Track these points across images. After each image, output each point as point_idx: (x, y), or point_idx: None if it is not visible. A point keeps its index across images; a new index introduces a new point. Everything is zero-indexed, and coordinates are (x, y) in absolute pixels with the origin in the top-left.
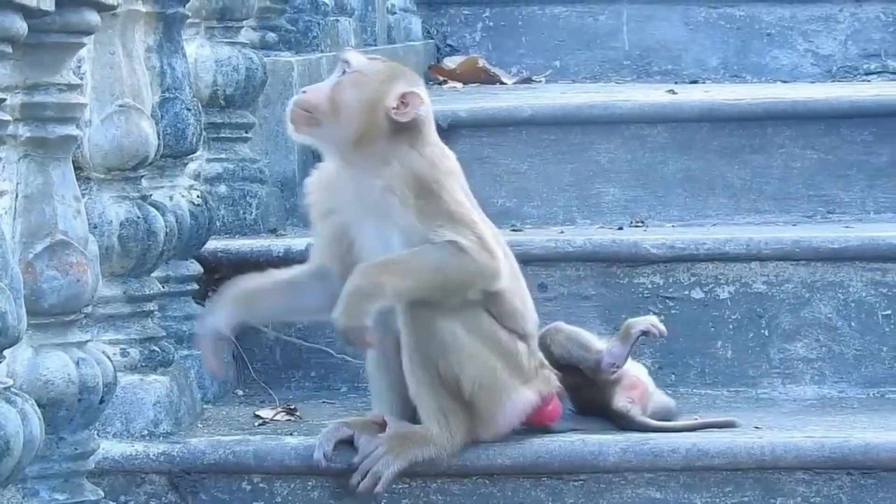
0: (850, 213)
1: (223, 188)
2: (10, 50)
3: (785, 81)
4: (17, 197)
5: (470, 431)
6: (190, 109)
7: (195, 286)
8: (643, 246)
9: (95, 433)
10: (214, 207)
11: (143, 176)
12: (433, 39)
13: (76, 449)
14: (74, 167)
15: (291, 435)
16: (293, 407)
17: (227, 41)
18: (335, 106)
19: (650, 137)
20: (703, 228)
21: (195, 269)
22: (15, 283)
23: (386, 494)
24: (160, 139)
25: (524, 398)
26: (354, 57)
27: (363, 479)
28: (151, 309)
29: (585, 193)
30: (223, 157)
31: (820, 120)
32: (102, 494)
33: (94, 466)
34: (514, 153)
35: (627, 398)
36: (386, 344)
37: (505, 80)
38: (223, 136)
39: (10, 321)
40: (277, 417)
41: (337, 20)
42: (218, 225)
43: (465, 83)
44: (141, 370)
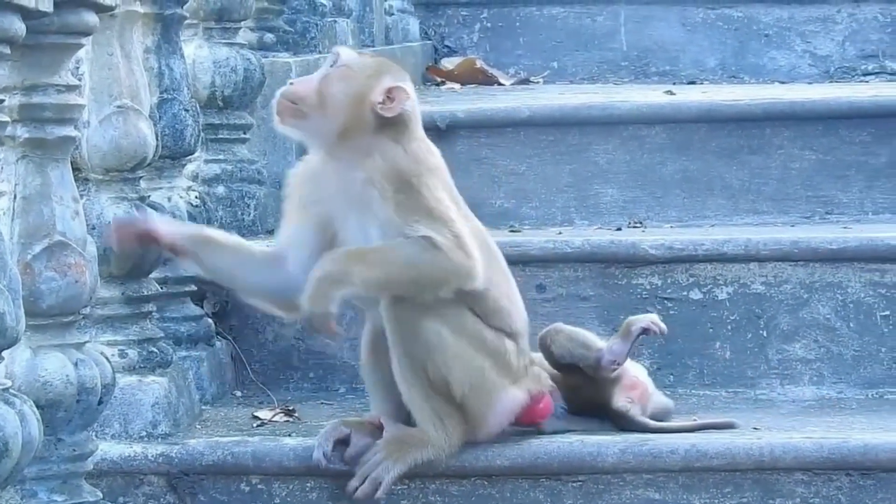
0: (848, 213)
1: (221, 189)
2: (8, 51)
3: (783, 82)
4: (15, 198)
5: (465, 432)
6: (188, 110)
7: (193, 287)
8: (641, 247)
9: (94, 434)
10: (212, 208)
11: (141, 177)
12: (431, 40)
13: (75, 450)
14: (73, 168)
15: (290, 436)
16: (291, 408)
17: (225, 42)
18: (322, 99)
19: (648, 138)
20: (701, 229)
21: (193, 270)
22: (13, 284)
23: (384, 496)
24: (158, 140)
25: (513, 398)
26: (345, 51)
27: (361, 484)
28: (150, 310)
29: (584, 194)
30: (221, 158)
31: (818, 121)
32: (101, 496)
33: (92, 468)
34: (512, 154)
35: (627, 398)
36: (378, 348)
37: (503, 80)
38: (221, 137)
39: (8, 322)
40: (276, 418)
41: (335, 21)
42: (216, 226)
43: (462, 84)
44: (139, 371)
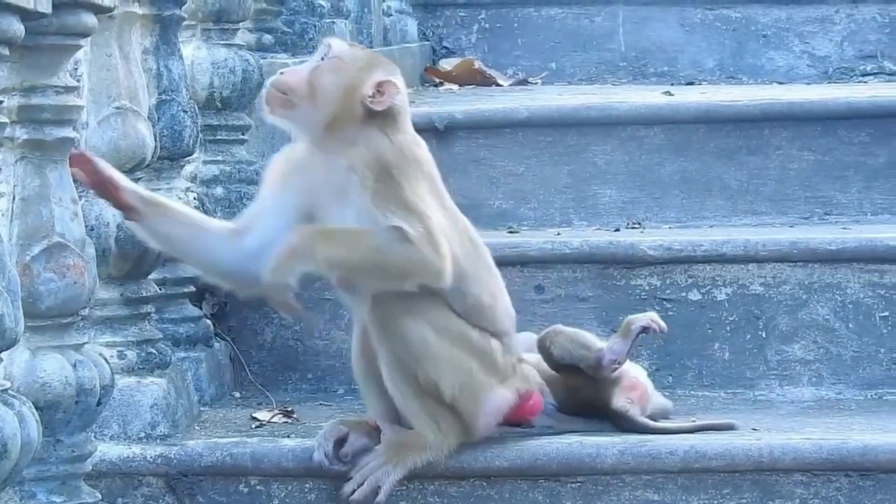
0: (847, 214)
1: (220, 190)
2: (6, 52)
3: (781, 83)
4: (14, 199)
5: (461, 432)
6: (186, 111)
7: (192, 288)
8: (640, 247)
9: (93, 435)
10: (211, 209)
11: (139, 178)
12: (429, 41)
13: (73, 451)
14: None
15: (288, 437)
16: (290, 409)
17: (223, 43)
18: (312, 90)
19: (647, 139)
20: (700, 230)
21: (192, 271)
22: (12, 285)
23: (385, 500)
24: (157, 141)
25: (501, 397)
26: (336, 43)
27: (358, 487)
28: (148, 311)
29: (582, 195)
30: (220, 159)
31: (817, 121)
32: (99, 497)
33: (91, 469)
34: (510, 155)
35: (627, 399)
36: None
37: (501, 81)
38: (219, 138)
39: (7, 323)
40: (274, 419)
41: (333, 22)
42: None
43: (461, 85)
44: (138, 372)
